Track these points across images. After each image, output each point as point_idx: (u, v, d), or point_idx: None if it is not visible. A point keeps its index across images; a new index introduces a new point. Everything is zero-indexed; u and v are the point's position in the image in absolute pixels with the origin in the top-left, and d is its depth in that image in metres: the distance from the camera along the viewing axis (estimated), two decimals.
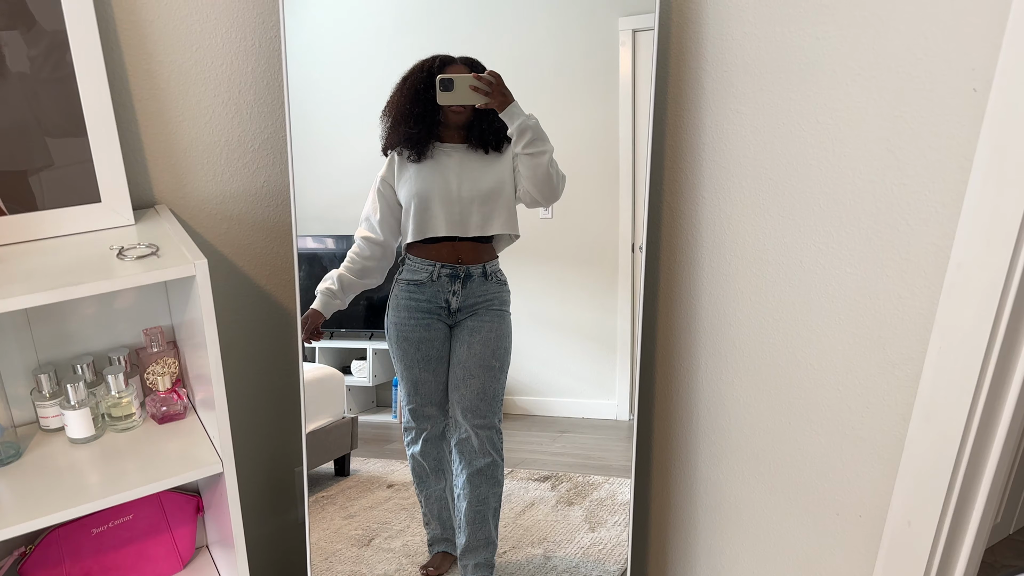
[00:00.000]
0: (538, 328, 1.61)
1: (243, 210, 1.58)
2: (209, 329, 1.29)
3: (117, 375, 1.43)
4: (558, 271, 1.63)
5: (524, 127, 1.44)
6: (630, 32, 1.49)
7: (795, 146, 1.34)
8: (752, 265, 1.47)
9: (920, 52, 1.12)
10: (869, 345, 1.29)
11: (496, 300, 1.55)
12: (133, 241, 1.32)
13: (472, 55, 1.44)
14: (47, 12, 1.25)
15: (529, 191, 1.48)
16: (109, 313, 1.49)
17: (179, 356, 1.54)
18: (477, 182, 1.48)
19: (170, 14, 1.40)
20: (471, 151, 1.48)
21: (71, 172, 1.33)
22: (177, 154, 1.48)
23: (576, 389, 1.70)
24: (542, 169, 1.47)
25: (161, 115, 1.45)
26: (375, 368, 1.68)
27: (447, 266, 1.51)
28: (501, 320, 1.55)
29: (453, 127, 1.47)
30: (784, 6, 1.30)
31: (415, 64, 1.44)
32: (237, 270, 1.62)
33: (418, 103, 1.44)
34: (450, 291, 1.52)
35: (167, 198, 1.50)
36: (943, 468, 1.21)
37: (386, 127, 1.47)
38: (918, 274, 1.20)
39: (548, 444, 1.71)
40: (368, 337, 1.66)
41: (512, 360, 1.58)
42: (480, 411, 1.56)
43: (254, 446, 1.80)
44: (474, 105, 1.43)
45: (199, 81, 1.46)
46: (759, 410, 1.53)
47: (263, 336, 1.71)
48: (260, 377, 1.74)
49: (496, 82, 1.42)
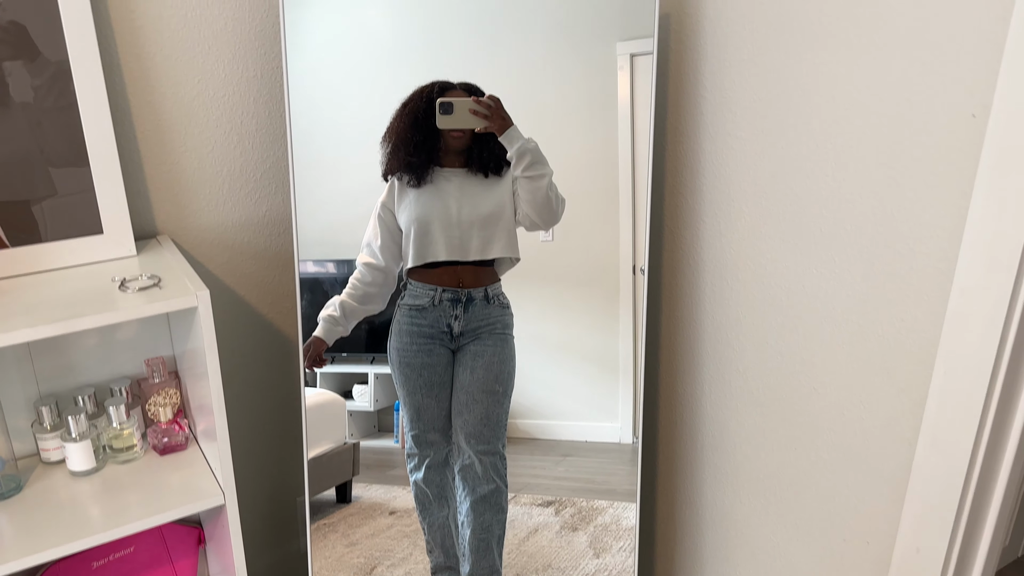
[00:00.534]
0: (540, 351, 1.61)
1: (245, 239, 1.58)
2: (211, 360, 1.28)
3: (119, 406, 1.42)
4: (559, 293, 1.63)
5: (523, 150, 1.44)
6: (628, 56, 1.50)
7: (794, 171, 1.34)
8: (754, 290, 1.47)
9: (918, 78, 1.13)
10: (873, 370, 1.29)
11: (499, 324, 1.54)
12: (135, 272, 1.32)
13: (471, 80, 1.45)
14: (51, 42, 1.26)
15: (528, 214, 1.48)
16: (111, 344, 1.49)
17: (180, 386, 1.54)
18: (477, 206, 1.48)
19: (172, 46, 1.41)
20: (471, 175, 1.49)
21: (73, 204, 1.33)
22: (179, 185, 1.49)
23: (579, 412, 1.69)
24: (541, 192, 1.47)
25: (163, 146, 1.45)
26: (376, 392, 1.67)
27: (448, 290, 1.50)
28: (504, 344, 1.55)
29: (453, 152, 1.48)
30: (782, 33, 1.31)
31: (415, 90, 1.45)
32: (239, 299, 1.62)
33: (418, 128, 1.44)
34: (452, 315, 1.52)
35: (169, 228, 1.51)
36: (951, 493, 1.20)
37: (386, 152, 1.48)
38: (921, 299, 1.19)
39: (551, 468, 1.70)
40: (369, 361, 1.65)
41: (515, 383, 1.57)
42: (484, 436, 1.56)
43: (256, 476, 1.79)
44: (473, 129, 1.43)
45: (201, 111, 1.47)
46: (764, 435, 1.52)
47: (264, 365, 1.70)
48: (261, 406, 1.74)
49: (495, 106, 1.42)
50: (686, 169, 1.57)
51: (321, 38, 1.46)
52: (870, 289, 1.26)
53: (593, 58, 1.52)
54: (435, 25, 1.51)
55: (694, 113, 1.52)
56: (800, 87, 1.30)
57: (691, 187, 1.57)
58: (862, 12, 1.18)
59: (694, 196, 1.56)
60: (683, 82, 1.53)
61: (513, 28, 1.52)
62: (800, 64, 1.29)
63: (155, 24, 1.38)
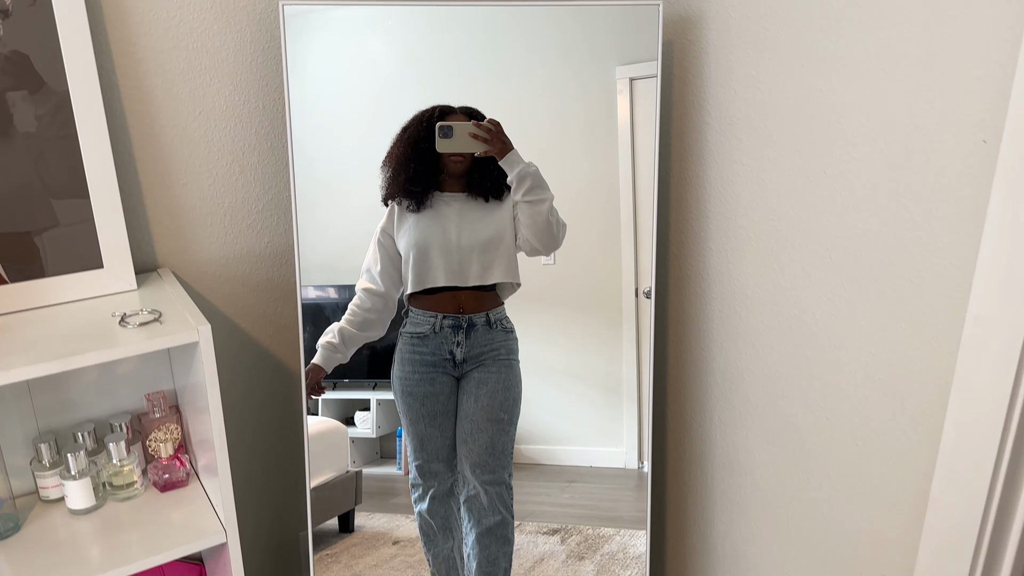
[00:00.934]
0: (543, 375, 1.59)
1: (247, 271, 1.57)
2: (212, 395, 1.26)
3: (119, 443, 1.40)
4: (561, 317, 1.61)
5: (524, 174, 1.43)
6: (627, 80, 1.50)
7: (802, 198, 1.33)
8: (763, 317, 1.45)
9: (927, 104, 1.11)
10: (886, 399, 1.27)
11: (503, 349, 1.52)
12: (136, 307, 1.30)
13: (472, 104, 1.44)
14: (54, 74, 1.25)
15: (529, 239, 1.47)
16: (111, 379, 1.47)
17: (181, 420, 1.51)
18: (476, 231, 1.47)
19: (173, 79, 1.40)
20: (471, 200, 1.47)
21: (73, 238, 1.32)
22: (180, 217, 1.48)
23: (583, 437, 1.67)
24: (542, 217, 1.45)
25: (164, 179, 1.44)
26: (379, 419, 1.65)
27: (449, 317, 1.48)
28: (509, 370, 1.53)
29: (453, 176, 1.47)
30: (787, 59, 1.30)
31: (415, 114, 1.44)
32: (240, 331, 1.60)
33: (417, 152, 1.43)
34: (454, 342, 1.50)
35: (170, 261, 1.49)
36: (969, 526, 1.17)
37: (386, 177, 1.47)
38: (934, 327, 1.17)
39: (556, 495, 1.67)
40: (372, 387, 1.63)
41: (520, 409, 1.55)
42: (489, 466, 1.53)
43: (258, 509, 1.76)
44: (473, 153, 1.42)
45: (203, 144, 1.46)
46: (776, 465, 1.50)
47: (267, 397, 1.68)
48: (263, 439, 1.71)
49: (495, 129, 1.41)
50: (691, 196, 1.55)
51: (323, 66, 1.45)
52: (882, 317, 1.24)
53: (593, 82, 1.52)
54: (436, 50, 1.51)
55: (699, 140, 1.51)
56: (807, 114, 1.29)
57: (696, 213, 1.55)
58: (870, 38, 1.17)
59: (700, 224, 1.55)
60: (687, 109, 1.52)
61: (513, 52, 1.52)
62: (806, 91, 1.28)
63: (156, 57, 1.37)
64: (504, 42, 1.51)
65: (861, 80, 1.20)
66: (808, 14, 1.26)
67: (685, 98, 1.52)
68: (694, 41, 1.48)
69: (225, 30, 1.42)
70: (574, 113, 1.55)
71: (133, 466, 1.42)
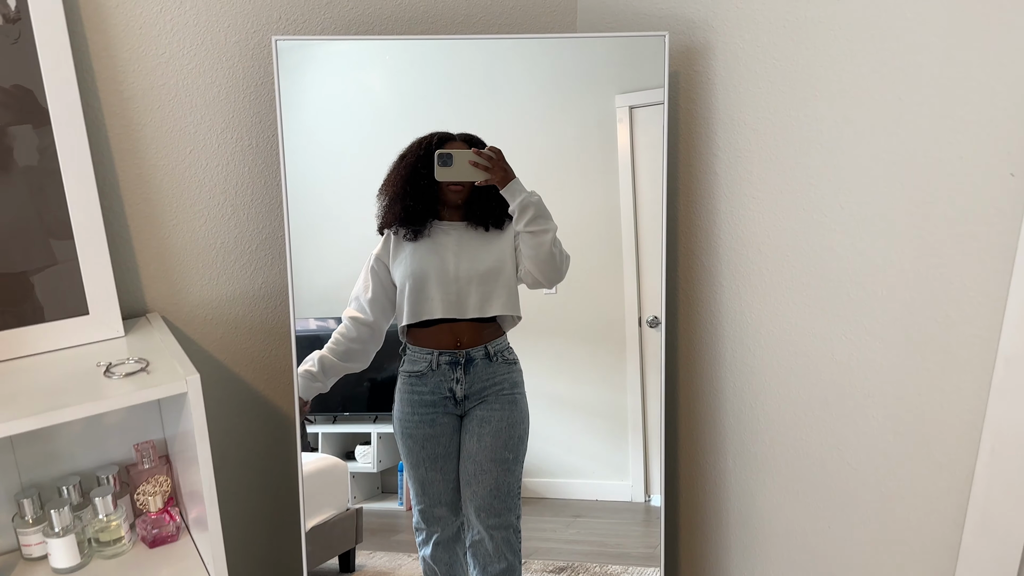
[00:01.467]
0: (546, 407, 1.52)
1: (240, 314, 1.51)
2: (202, 448, 1.21)
3: (105, 497, 1.34)
4: (564, 348, 1.56)
5: (526, 204, 1.38)
6: (627, 109, 1.45)
7: (819, 233, 1.27)
8: (778, 356, 1.39)
9: (950, 136, 1.06)
10: (912, 445, 1.20)
11: (506, 383, 1.46)
12: (122, 355, 1.25)
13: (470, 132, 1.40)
14: None
15: (531, 271, 1.41)
16: (98, 429, 1.40)
17: (171, 471, 1.45)
18: (476, 261, 1.41)
19: (163, 117, 1.35)
20: (470, 229, 1.42)
21: (58, 285, 1.26)
22: (171, 260, 1.42)
23: (588, 470, 1.60)
24: (544, 248, 1.40)
25: (154, 220, 1.39)
26: (380, 453, 1.58)
27: (446, 353, 1.42)
28: (513, 406, 1.46)
29: (451, 205, 1.41)
30: (799, 90, 1.26)
31: (413, 141, 1.39)
32: (234, 377, 1.54)
33: (415, 180, 1.38)
34: (452, 379, 1.43)
35: (160, 305, 1.43)
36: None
37: (382, 206, 1.41)
38: (963, 369, 1.11)
39: (562, 530, 1.60)
40: (372, 420, 1.57)
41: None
42: (495, 509, 1.46)
43: (252, 560, 1.69)
44: (473, 182, 1.37)
45: (193, 183, 1.40)
46: (795, 511, 1.43)
47: (261, 443, 1.62)
48: (258, 485, 1.65)
49: (497, 157, 1.36)
50: (700, 229, 1.50)
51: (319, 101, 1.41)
52: (906, 359, 1.18)
53: (592, 110, 1.48)
54: (434, 81, 1.47)
55: (707, 172, 1.46)
56: (821, 146, 1.24)
57: (706, 247, 1.50)
58: (887, 68, 1.12)
59: (710, 258, 1.49)
60: (694, 141, 1.47)
61: (511, 80, 1.48)
62: (820, 122, 1.23)
63: (145, 95, 1.33)
64: (502, 71, 1.48)
65: (878, 111, 1.15)
66: (821, 44, 1.21)
67: (692, 130, 1.47)
68: (701, 72, 1.43)
69: (216, 66, 1.37)
70: (574, 141, 1.51)
71: (120, 521, 1.36)
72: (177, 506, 1.44)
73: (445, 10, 1.57)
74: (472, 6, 1.60)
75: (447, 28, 1.59)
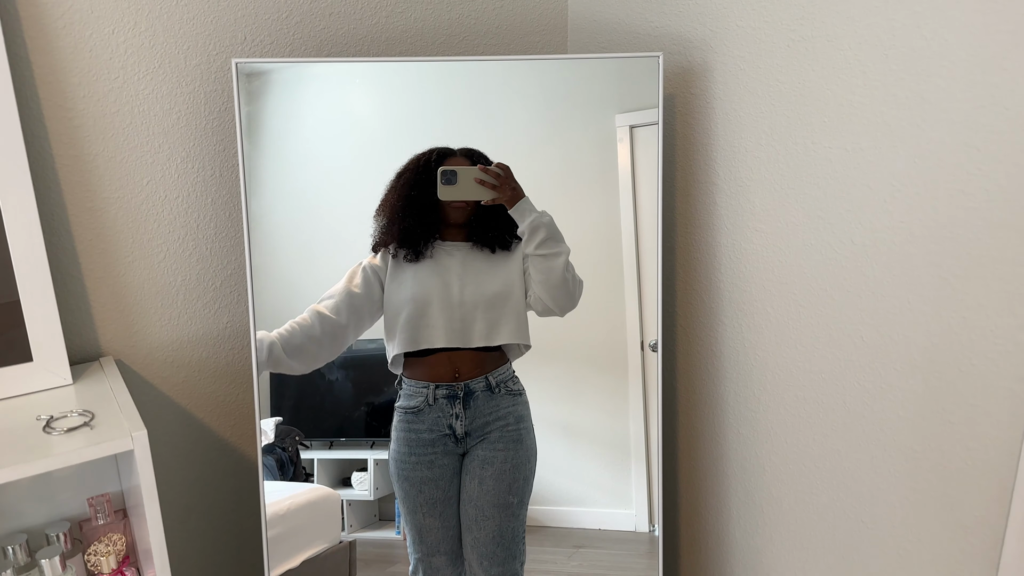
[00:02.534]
0: (547, 433, 1.43)
1: (203, 356, 1.40)
2: (151, 508, 1.10)
3: (52, 558, 1.22)
4: (564, 372, 1.47)
5: (536, 225, 1.27)
6: (627, 128, 1.38)
7: (828, 270, 1.17)
8: (785, 403, 1.28)
9: (974, 167, 0.96)
10: (934, 504, 1.09)
11: (510, 417, 1.34)
12: (66, 407, 1.14)
13: None
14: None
15: (541, 297, 1.30)
16: (47, 483, 1.30)
17: (128, 527, 1.34)
18: (481, 285, 1.30)
19: (117, 146, 1.25)
20: (475, 250, 1.31)
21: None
22: (127, 299, 1.32)
23: (591, 498, 1.52)
24: (556, 273, 1.29)
25: (107, 256, 1.29)
26: (376, 480, 1.51)
27: (443, 386, 1.31)
28: (518, 445, 1.34)
29: (455, 224, 1.31)
30: (805, 114, 1.15)
31: (411, 158, 1.29)
32: (196, 423, 1.44)
33: (415, 199, 1.28)
34: (451, 415, 1.32)
35: (116, 348, 1.33)
36: None
37: (380, 227, 1.31)
38: (991, 423, 1.00)
39: (563, 562, 1.51)
40: (369, 446, 1.49)
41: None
42: (498, 557, 1.34)
43: None
44: (479, 201, 1.26)
45: (151, 217, 1.30)
46: (806, 574, 1.31)
47: (227, 495, 1.51)
48: (224, 538, 1.53)
49: (505, 175, 1.26)
50: (699, 263, 1.40)
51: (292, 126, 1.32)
52: (927, 410, 1.07)
53: (591, 130, 1.41)
54: (422, 102, 1.39)
55: (706, 203, 1.35)
56: (830, 175, 1.14)
57: (706, 284, 1.39)
58: (904, 91, 1.02)
59: (710, 295, 1.38)
60: (692, 168, 1.37)
61: (509, 100, 1.41)
62: (829, 149, 1.13)
63: (96, 122, 1.23)
64: (500, 88, 1.40)
65: (893, 137, 1.04)
66: (828, 64, 1.11)
67: (690, 156, 1.37)
68: (698, 95, 1.33)
69: (175, 91, 1.28)
70: (573, 161, 1.44)
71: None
72: (134, 565, 1.33)
73: (426, 30, 1.48)
74: (454, 25, 1.50)
75: (428, 49, 1.49)
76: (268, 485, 1.49)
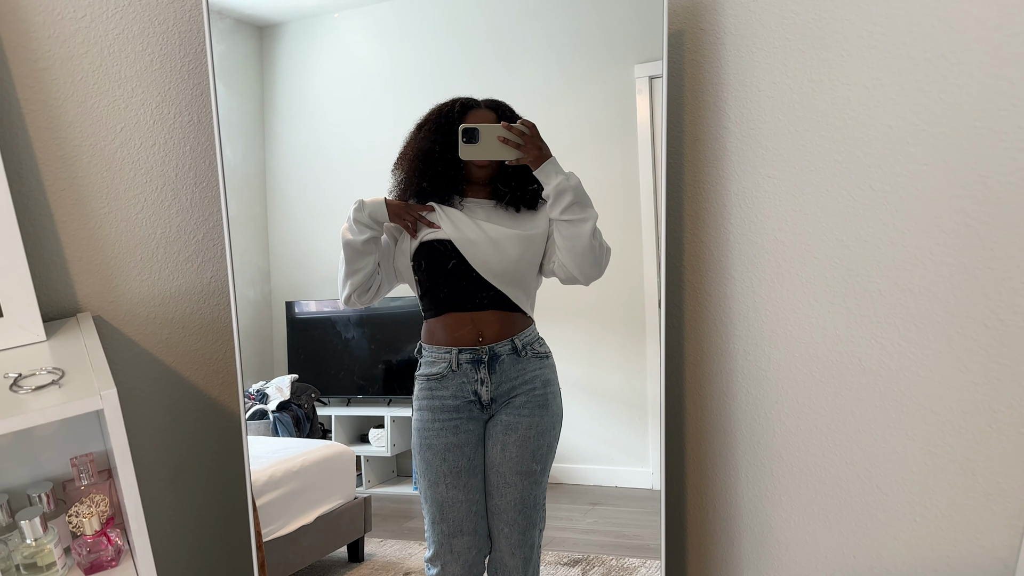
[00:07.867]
0: (564, 391, 1.39)
1: (186, 311, 1.35)
2: (124, 470, 1.06)
3: (33, 519, 1.19)
4: (582, 330, 1.45)
5: (563, 188, 1.19)
6: (647, 79, 1.32)
7: (845, 218, 1.08)
8: (797, 361, 1.21)
9: (1006, 102, 0.87)
10: (955, 469, 1.02)
11: (537, 381, 1.28)
12: (36, 365, 1.09)
13: None
14: None
15: (566, 264, 1.23)
16: (28, 442, 1.26)
17: (113, 488, 1.30)
18: (505, 244, 1.23)
19: (86, 90, 1.19)
20: (499, 208, 1.24)
21: None
22: (104, 252, 1.26)
23: (607, 456, 1.52)
24: (583, 240, 1.21)
25: (82, 207, 1.23)
26: (394, 436, 1.52)
27: (466, 351, 1.24)
28: (543, 411, 1.28)
29: (477, 182, 1.24)
30: (822, 48, 1.06)
31: (432, 109, 1.22)
32: (181, 381, 1.39)
33: (436, 153, 1.21)
34: (476, 380, 1.25)
35: (94, 303, 1.28)
36: None
37: (398, 181, 1.24)
38: (1019, 383, 0.93)
39: (579, 519, 1.52)
40: (386, 403, 1.50)
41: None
42: (519, 525, 1.29)
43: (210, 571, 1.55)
44: (503, 160, 1.19)
45: (126, 166, 1.24)
46: (816, 539, 1.25)
47: (215, 452, 1.47)
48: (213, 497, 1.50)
49: (531, 133, 1.18)
50: (708, 214, 1.31)
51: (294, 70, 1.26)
52: (949, 368, 1.00)
53: (610, 82, 1.36)
54: (444, 50, 1.35)
55: (715, 148, 1.27)
56: (849, 115, 1.05)
57: (715, 235, 1.31)
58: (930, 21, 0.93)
59: (719, 246, 1.30)
60: (701, 110, 1.28)
61: (525, 52, 1.36)
62: (848, 86, 1.04)
63: (63, 65, 1.16)
64: (516, 40, 1.36)
65: (917, 72, 0.95)
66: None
67: (699, 98, 1.28)
68: (707, 30, 1.24)
69: (148, 31, 1.20)
70: (591, 115, 1.39)
71: (52, 545, 1.21)
72: (120, 527, 1.30)
73: None
74: None
75: None
76: (280, 441, 1.50)
